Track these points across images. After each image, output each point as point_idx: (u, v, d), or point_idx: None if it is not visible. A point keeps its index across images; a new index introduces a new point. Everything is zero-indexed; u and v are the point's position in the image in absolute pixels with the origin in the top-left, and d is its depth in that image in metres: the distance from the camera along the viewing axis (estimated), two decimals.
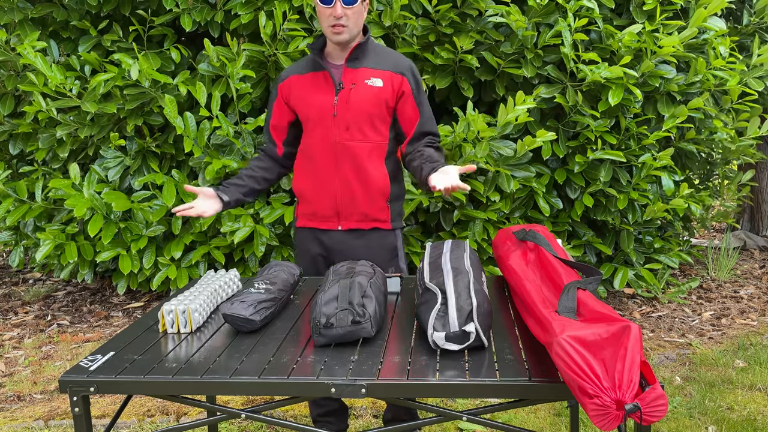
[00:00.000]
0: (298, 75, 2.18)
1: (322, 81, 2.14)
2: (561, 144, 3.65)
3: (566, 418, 2.75)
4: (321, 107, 2.12)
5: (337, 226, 2.18)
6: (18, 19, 3.49)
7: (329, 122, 2.11)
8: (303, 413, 2.81)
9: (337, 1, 2.00)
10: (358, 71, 2.12)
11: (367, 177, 2.14)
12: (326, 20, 2.03)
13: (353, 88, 2.10)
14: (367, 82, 2.11)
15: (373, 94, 2.11)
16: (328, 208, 2.17)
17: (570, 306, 1.37)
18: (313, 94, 2.14)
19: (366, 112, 2.11)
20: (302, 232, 2.26)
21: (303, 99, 2.15)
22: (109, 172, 3.64)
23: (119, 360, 1.48)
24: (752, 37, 4.30)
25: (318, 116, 2.12)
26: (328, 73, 2.12)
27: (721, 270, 4.81)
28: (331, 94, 2.12)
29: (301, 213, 2.25)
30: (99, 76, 3.30)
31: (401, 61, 2.17)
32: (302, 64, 2.20)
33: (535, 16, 3.45)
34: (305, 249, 2.26)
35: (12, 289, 4.76)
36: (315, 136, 2.14)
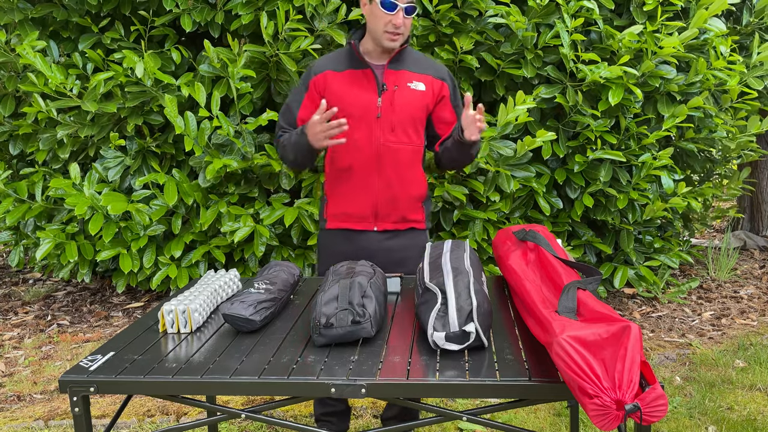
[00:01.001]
0: (335, 71, 2.11)
1: (363, 80, 2.10)
2: (561, 144, 3.65)
3: (566, 418, 2.75)
4: (364, 107, 2.08)
5: (373, 227, 2.16)
6: (18, 19, 3.49)
7: (373, 123, 2.09)
8: (303, 413, 2.81)
9: (401, 11, 1.98)
10: (400, 73, 2.10)
11: (409, 179, 2.14)
12: (384, 25, 2.00)
13: (396, 90, 2.09)
14: (410, 85, 2.11)
15: (416, 98, 2.11)
16: (365, 210, 2.14)
17: (570, 306, 1.38)
18: (355, 92, 2.09)
19: (410, 114, 2.11)
20: (332, 233, 2.21)
21: (343, 96, 2.09)
22: (109, 172, 3.64)
23: (119, 360, 1.48)
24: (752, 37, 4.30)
25: (360, 115, 2.09)
26: (371, 72, 2.08)
27: (721, 270, 4.81)
28: (374, 94, 2.09)
29: (332, 214, 2.20)
30: (100, 74, 3.30)
31: (439, 67, 2.19)
32: (337, 60, 2.14)
33: (535, 17, 3.45)
34: (335, 251, 2.20)
35: (12, 289, 4.76)
36: (355, 136, 2.09)
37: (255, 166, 3.49)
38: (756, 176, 5.77)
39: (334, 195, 2.18)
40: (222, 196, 3.64)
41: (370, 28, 2.05)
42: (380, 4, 1.97)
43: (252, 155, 3.42)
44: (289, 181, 3.55)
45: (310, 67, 2.16)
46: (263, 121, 3.33)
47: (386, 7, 1.97)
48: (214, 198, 3.59)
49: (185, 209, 3.65)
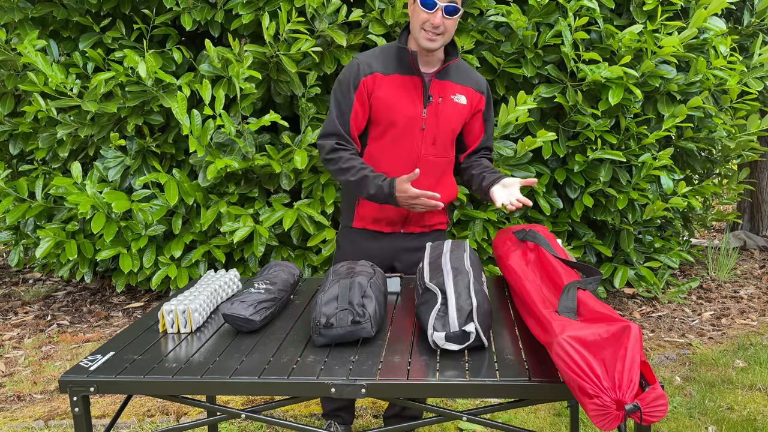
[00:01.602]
0: (383, 74, 2.02)
1: (411, 88, 2.02)
2: (561, 144, 3.65)
3: (566, 418, 2.75)
4: (410, 117, 2.02)
5: (400, 230, 2.16)
6: (18, 19, 3.49)
7: (417, 134, 2.04)
8: (303, 413, 2.81)
9: (440, 9, 1.91)
10: (444, 84, 2.05)
11: (441, 189, 2.12)
12: (421, 23, 1.93)
13: (440, 102, 2.04)
14: (453, 98, 2.06)
15: (458, 111, 2.08)
16: (396, 216, 2.12)
17: (570, 306, 1.37)
18: (402, 100, 2.02)
19: (451, 128, 2.08)
20: (358, 232, 2.17)
21: (390, 102, 2.01)
22: (109, 172, 3.64)
23: (119, 360, 1.48)
24: (752, 38, 4.30)
25: (405, 125, 2.02)
26: (420, 82, 2.02)
27: (721, 270, 4.81)
28: (420, 104, 2.02)
29: (362, 216, 2.15)
30: (100, 75, 3.30)
31: (481, 80, 2.14)
32: (384, 60, 2.04)
33: (536, 16, 3.45)
34: (358, 248, 2.17)
35: (12, 289, 4.76)
36: (397, 145, 2.04)
37: (255, 167, 3.49)
38: (756, 176, 5.77)
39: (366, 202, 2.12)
40: (222, 196, 3.64)
41: (411, 26, 1.99)
42: (420, 2, 1.91)
43: (253, 155, 3.42)
44: (289, 181, 3.55)
45: (354, 66, 2.03)
46: (266, 122, 3.32)
47: (426, 6, 1.91)
48: (214, 198, 3.59)
49: (185, 209, 3.65)
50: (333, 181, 3.55)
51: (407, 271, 2.19)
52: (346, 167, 2.00)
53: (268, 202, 3.67)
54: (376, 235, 2.16)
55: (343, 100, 2.03)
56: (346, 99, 2.03)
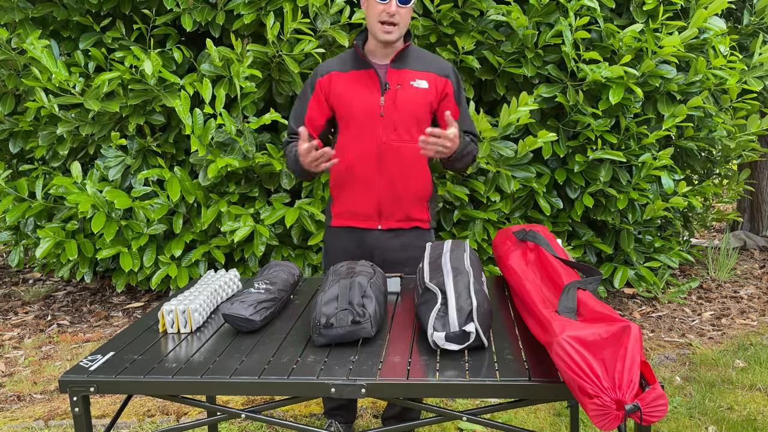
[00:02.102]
0: (339, 72, 2.15)
1: (366, 80, 2.12)
2: (561, 144, 3.65)
3: (566, 418, 2.75)
4: (367, 106, 2.11)
5: (377, 225, 2.18)
6: (18, 19, 3.49)
7: (376, 122, 2.11)
8: (303, 413, 2.81)
9: (394, 2, 2.00)
10: (402, 72, 2.12)
11: (412, 177, 2.16)
12: (378, 16, 2.02)
13: (399, 88, 2.11)
14: (413, 83, 2.12)
15: (420, 96, 2.13)
16: (369, 208, 2.16)
17: (570, 306, 1.37)
18: (358, 92, 2.12)
19: (413, 113, 2.13)
20: (337, 231, 2.23)
21: (346, 97, 2.13)
22: (110, 171, 3.64)
23: (119, 360, 1.48)
24: (752, 37, 4.30)
25: (364, 115, 2.11)
26: (375, 72, 2.11)
27: (721, 270, 4.81)
28: (377, 93, 2.11)
29: (337, 212, 2.22)
30: (104, 74, 3.30)
31: (445, 64, 2.20)
32: (342, 61, 2.18)
33: (536, 16, 3.45)
34: (341, 248, 2.22)
35: (12, 289, 4.76)
36: (359, 135, 2.13)
37: (256, 166, 3.49)
38: (756, 176, 5.77)
39: (339, 193, 2.20)
40: (222, 195, 3.64)
41: (368, 23, 2.08)
42: None
43: (253, 155, 3.42)
44: (290, 180, 3.55)
45: (316, 70, 2.20)
46: (266, 120, 3.32)
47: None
48: (214, 197, 3.59)
49: (186, 208, 3.65)
50: None
51: (388, 270, 2.22)
52: (288, 158, 2.20)
53: (269, 202, 3.67)
54: (354, 233, 2.21)
55: (300, 102, 2.22)
56: (303, 101, 2.21)
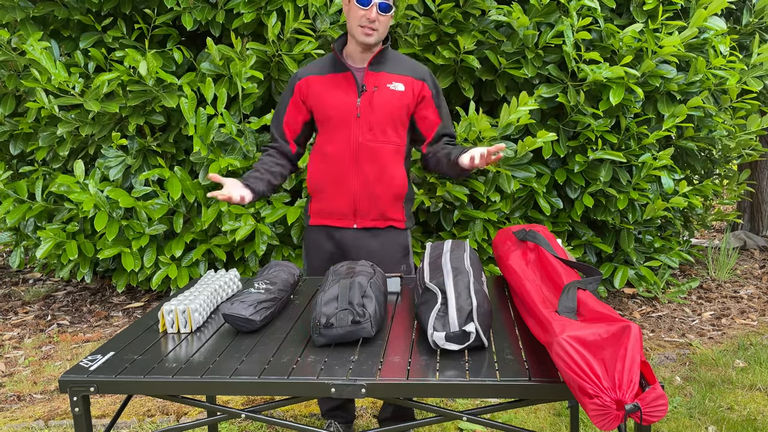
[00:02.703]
0: (317, 75, 2.20)
1: (343, 82, 2.17)
2: (561, 144, 3.65)
3: (566, 418, 2.75)
4: (344, 108, 2.15)
5: (353, 225, 2.21)
6: (20, 18, 3.50)
7: (352, 123, 2.15)
8: (303, 413, 2.81)
9: (374, 6, 2.05)
10: (379, 75, 2.17)
11: (388, 177, 2.19)
12: (358, 20, 2.07)
13: (375, 91, 2.15)
14: (389, 86, 2.17)
15: (396, 98, 2.17)
16: (345, 207, 2.19)
17: (570, 306, 1.37)
18: (335, 94, 2.17)
19: (389, 114, 2.17)
20: (315, 230, 2.27)
21: (323, 99, 2.17)
22: (110, 171, 3.64)
23: (119, 360, 1.48)
24: (752, 37, 4.30)
25: (340, 117, 2.16)
26: (351, 75, 2.16)
27: (721, 270, 4.81)
28: (354, 95, 2.16)
29: (314, 211, 2.26)
30: (103, 75, 3.30)
31: (420, 68, 2.25)
32: (320, 65, 2.23)
33: (536, 16, 3.45)
34: (317, 247, 2.27)
35: (12, 289, 4.76)
36: (336, 135, 2.17)
37: None
38: (756, 176, 5.77)
39: (316, 193, 2.25)
40: None
41: (348, 26, 2.13)
42: (356, 1, 2.06)
43: (254, 154, 3.42)
44: (290, 180, 3.55)
45: (294, 74, 2.26)
46: (267, 121, 3.32)
47: (361, 3, 2.05)
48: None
49: (186, 208, 3.65)
50: None
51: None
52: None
53: (269, 201, 3.67)
54: (330, 232, 2.24)
55: (279, 106, 2.27)
56: (282, 105, 2.26)
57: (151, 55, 3.30)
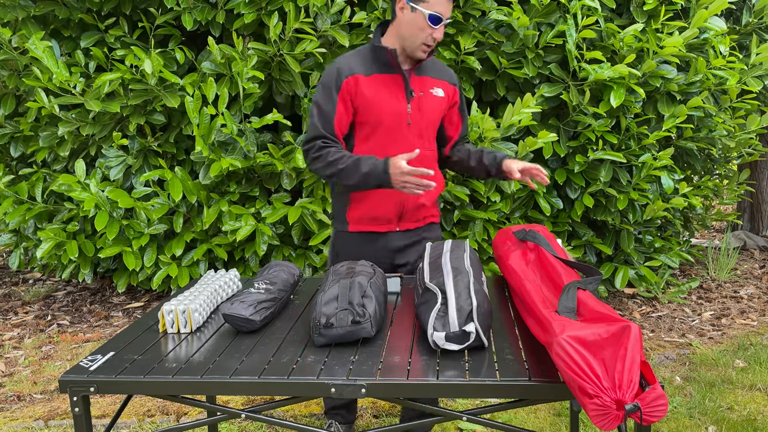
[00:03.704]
0: (364, 75, 2.03)
1: (392, 85, 2.05)
2: (562, 144, 3.65)
3: (566, 418, 2.75)
4: (396, 113, 2.05)
5: (396, 228, 2.17)
6: (21, 17, 3.50)
7: (404, 130, 2.08)
8: (303, 413, 2.81)
9: (443, 25, 1.97)
10: (423, 79, 2.11)
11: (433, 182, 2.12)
12: (423, 38, 1.97)
13: (422, 96, 2.09)
14: (432, 91, 2.12)
15: (437, 104, 2.14)
16: (391, 213, 2.13)
17: (570, 306, 1.37)
18: (387, 98, 2.04)
19: (434, 120, 2.14)
20: (354, 237, 2.17)
21: (376, 103, 2.03)
22: (111, 171, 3.64)
23: (119, 360, 1.48)
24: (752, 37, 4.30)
25: (393, 123, 2.06)
26: (402, 79, 2.06)
27: (721, 270, 4.81)
28: (404, 100, 2.06)
29: (355, 218, 2.15)
30: (106, 75, 3.30)
31: (452, 73, 2.22)
32: (363, 62, 2.05)
33: (537, 16, 3.45)
34: (358, 253, 2.17)
35: (12, 289, 4.76)
36: (387, 142, 2.07)
37: (257, 165, 3.49)
38: (756, 176, 5.77)
39: (359, 200, 2.13)
40: (223, 194, 3.64)
41: (404, 35, 2.00)
42: (428, 17, 1.93)
43: (254, 154, 3.42)
44: (291, 180, 3.55)
45: (337, 68, 2.04)
46: (269, 121, 3.32)
47: (433, 21, 1.94)
48: (215, 197, 3.59)
49: (187, 208, 3.65)
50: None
51: (408, 269, 2.21)
52: (333, 159, 2.00)
53: (269, 201, 3.67)
54: (372, 237, 2.16)
55: (326, 103, 2.03)
56: (329, 102, 2.03)
57: (155, 54, 3.30)
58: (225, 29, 3.67)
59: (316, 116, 2.05)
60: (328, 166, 2.02)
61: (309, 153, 2.06)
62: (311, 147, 2.05)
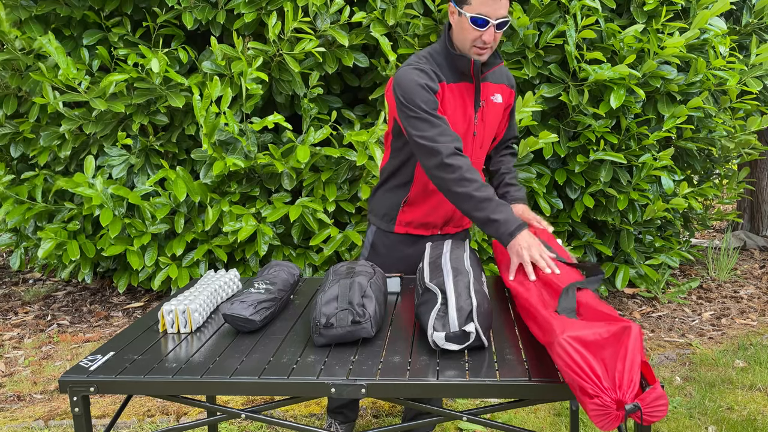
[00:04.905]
0: (446, 82, 1.93)
1: (465, 94, 1.97)
2: (562, 144, 3.65)
3: (566, 418, 2.75)
4: (467, 124, 1.99)
5: (437, 232, 2.16)
6: (24, 17, 3.50)
7: (470, 140, 2.02)
8: (303, 413, 2.81)
9: (492, 26, 1.82)
10: (486, 86, 2.02)
11: None
12: (472, 41, 1.86)
13: (484, 105, 2.01)
14: (492, 98, 2.03)
15: (497, 111, 2.06)
16: (440, 220, 2.13)
17: (570, 306, 1.37)
18: (461, 108, 1.97)
19: (494, 129, 2.08)
20: (398, 237, 2.15)
21: (454, 112, 1.96)
22: (113, 170, 3.65)
23: (119, 360, 1.48)
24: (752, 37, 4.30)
25: (463, 133, 1.99)
26: (474, 88, 1.97)
27: (721, 270, 4.81)
28: (472, 110, 1.98)
29: (404, 221, 2.12)
30: (112, 76, 3.30)
31: (509, 74, 2.12)
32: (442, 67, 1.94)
33: (537, 16, 3.45)
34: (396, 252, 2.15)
35: (12, 289, 4.76)
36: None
37: (257, 166, 3.49)
38: (756, 176, 5.77)
39: (415, 204, 2.08)
40: (223, 195, 3.64)
41: (458, 39, 1.90)
42: (470, 20, 1.82)
43: (255, 155, 3.42)
44: (291, 181, 3.55)
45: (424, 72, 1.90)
46: (270, 123, 3.32)
47: (477, 24, 1.82)
48: (215, 197, 3.59)
49: (188, 208, 3.65)
50: (334, 180, 3.55)
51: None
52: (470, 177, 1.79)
53: (269, 201, 3.67)
54: (415, 239, 2.15)
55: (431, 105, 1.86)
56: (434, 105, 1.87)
57: (161, 54, 3.30)
58: (225, 29, 3.67)
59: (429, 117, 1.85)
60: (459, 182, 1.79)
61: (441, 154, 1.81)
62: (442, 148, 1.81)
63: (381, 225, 2.17)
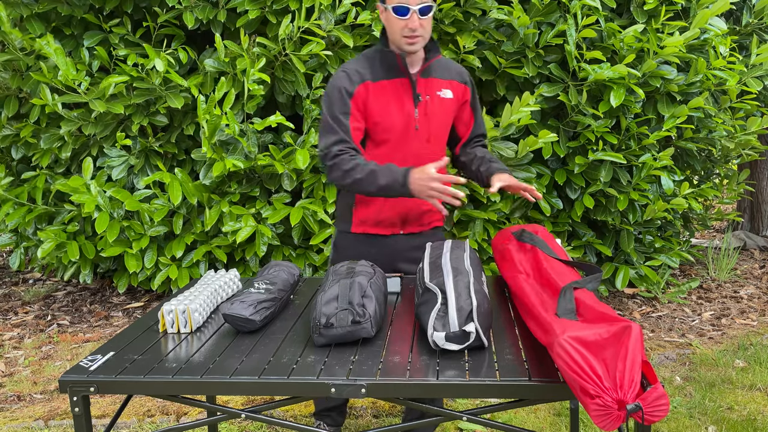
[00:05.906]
0: (372, 81, 2.01)
1: (400, 90, 2.03)
2: (562, 144, 3.65)
3: (566, 418, 2.75)
4: (404, 119, 2.03)
5: (399, 231, 2.15)
6: (25, 15, 3.50)
7: (411, 135, 2.05)
8: (303, 413, 2.81)
9: (414, 13, 1.90)
10: (429, 81, 2.06)
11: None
12: (400, 30, 1.93)
13: (428, 99, 2.05)
14: (439, 93, 2.07)
15: (446, 106, 2.09)
16: (395, 217, 2.12)
17: (569, 307, 1.37)
18: (395, 104, 2.02)
19: (443, 124, 2.10)
20: (356, 237, 2.16)
21: (385, 110, 2.01)
22: (113, 171, 3.64)
23: (119, 360, 1.48)
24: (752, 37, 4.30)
25: (401, 129, 2.03)
26: (409, 83, 2.03)
27: (721, 270, 4.81)
28: (411, 105, 2.03)
29: (360, 220, 2.14)
30: (112, 77, 3.30)
31: (462, 70, 2.16)
32: (370, 67, 2.03)
33: (537, 15, 3.45)
34: (359, 254, 2.16)
35: (12, 289, 4.76)
36: (394, 148, 2.05)
37: (257, 166, 3.49)
38: (756, 176, 5.77)
39: (365, 202, 2.12)
40: (223, 195, 3.64)
41: (390, 34, 1.99)
42: (393, 11, 1.91)
43: (255, 155, 3.42)
44: (291, 182, 3.55)
45: (346, 74, 2.01)
46: (272, 123, 3.32)
47: (399, 13, 1.90)
48: (215, 198, 3.59)
49: (187, 209, 3.65)
50: None
51: (410, 272, 2.19)
52: (349, 168, 1.94)
53: (269, 201, 3.67)
54: (375, 239, 2.15)
55: (340, 109, 1.99)
56: (343, 107, 1.99)
57: (164, 54, 3.30)
58: (226, 28, 3.66)
59: (330, 122, 1.99)
60: (344, 175, 1.95)
61: (325, 161, 1.99)
62: (326, 154, 1.98)
63: (340, 226, 2.20)
